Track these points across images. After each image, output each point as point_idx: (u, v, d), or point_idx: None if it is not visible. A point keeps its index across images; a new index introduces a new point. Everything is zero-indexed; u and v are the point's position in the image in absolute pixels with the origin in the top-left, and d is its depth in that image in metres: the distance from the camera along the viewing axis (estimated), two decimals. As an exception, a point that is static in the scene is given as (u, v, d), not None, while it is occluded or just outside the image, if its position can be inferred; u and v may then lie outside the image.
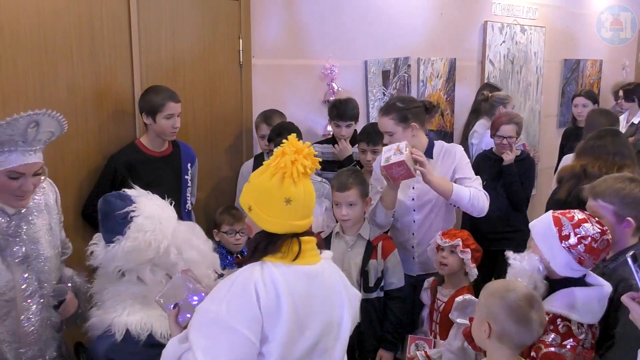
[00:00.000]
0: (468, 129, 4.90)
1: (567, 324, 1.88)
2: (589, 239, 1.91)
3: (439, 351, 2.41)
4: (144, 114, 2.86)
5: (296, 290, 1.58)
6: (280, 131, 3.23)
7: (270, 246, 1.62)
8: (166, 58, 3.15)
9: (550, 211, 2.05)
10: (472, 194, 2.72)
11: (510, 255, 2.05)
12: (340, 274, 1.80)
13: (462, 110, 5.16)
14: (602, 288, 1.97)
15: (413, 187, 2.85)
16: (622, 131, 5.44)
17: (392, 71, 4.50)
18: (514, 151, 3.77)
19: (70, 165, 2.82)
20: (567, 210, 2.03)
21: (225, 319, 1.50)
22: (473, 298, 2.34)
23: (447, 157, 2.85)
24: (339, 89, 4.02)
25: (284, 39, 3.74)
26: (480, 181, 2.84)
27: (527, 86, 6.10)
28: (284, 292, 1.55)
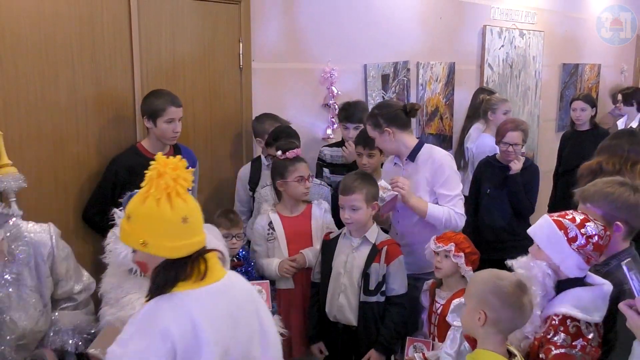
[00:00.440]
0: (464, 133, 4.92)
1: (577, 324, 1.90)
2: (596, 237, 1.95)
3: (436, 353, 2.42)
4: (145, 117, 2.86)
5: (214, 314, 1.52)
6: (278, 135, 3.24)
7: (180, 273, 1.52)
8: (166, 61, 3.16)
9: (546, 215, 2.06)
10: (446, 216, 2.83)
11: (515, 264, 2.05)
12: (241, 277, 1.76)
13: (461, 114, 5.17)
14: (603, 287, 1.99)
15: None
16: (621, 135, 5.49)
17: (392, 75, 4.52)
18: (521, 160, 3.62)
19: (70, 168, 2.83)
20: (562, 213, 2.04)
21: None
22: None
23: (429, 165, 2.89)
24: (339, 92, 4.03)
25: (283, 43, 3.76)
26: (461, 198, 2.90)
27: (526, 90, 6.12)
28: (201, 322, 1.48)
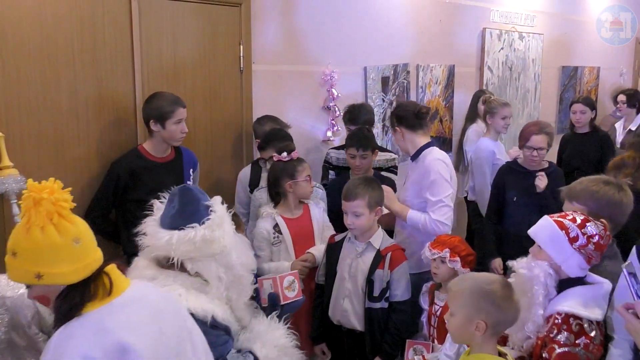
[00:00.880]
0: (463, 135, 4.93)
1: (579, 322, 1.92)
2: (597, 236, 1.97)
3: (436, 355, 2.42)
4: (152, 120, 2.85)
5: (135, 320, 1.49)
6: (270, 139, 3.23)
7: (86, 296, 1.46)
8: (167, 64, 3.17)
9: (546, 216, 2.08)
10: (422, 223, 2.93)
11: (516, 264, 2.07)
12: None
13: (461, 117, 5.18)
14: (603, 285, 2.02)
15: None
16: (619, 138, 5.49)
17: (392, 77, 4.53)
18: (544, 179, 3.38)
19: (71, 170, 2.83)
20: (562, 214, 2.07)
21: None
22: None
23: (421, 167, 3.00)
24: (339, 95, 4.05)
25: (284, 45, 3.77)
26: (445, 205, 2.91)
27: (525, 93, 6.13)
28: (123, 335, 1.44)
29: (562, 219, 2.02)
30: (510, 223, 3.49)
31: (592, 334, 1.91)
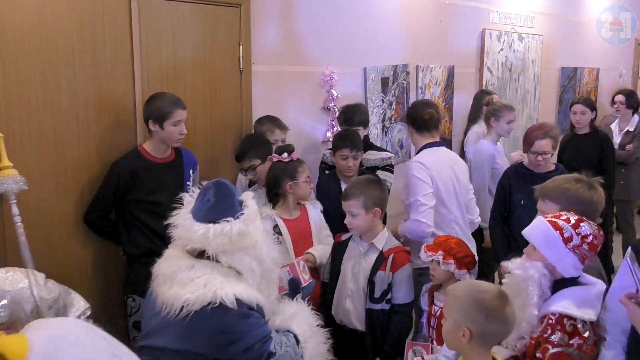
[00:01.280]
0: (465, 136, 4.92)
1: (573, 322, 1.92)
2: (591, 236, 1.98)
3: (435, 357, 2.42)
4: (150, 121, 2.85)
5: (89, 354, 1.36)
6: (246, 149, 3.19)
7: None
8: (167, 64, 3.17)
9: (540, 217, 2.09)
10: (408, 229, 3.07)
11: (510, 265, 2.07)
12: None
13: (461, 118, 5.18)
14: (597, 286, 2.02)
15: None
16: (617, 139, 5.48)
17: (391, 78, 4.53)
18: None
19: (71, 171, 2.83)
20: (556, 214, 2.08)
21: None
22: None
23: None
24: (339, 95, 4.05)
25: (283, 46, 3.77)
26: (421, 204, 3.03)
27: (525, 94, 6.14)
28: None
29: (556, 219, 2.03)
30: (518, 226, 3.43)
31: (586, 334, 1.91)
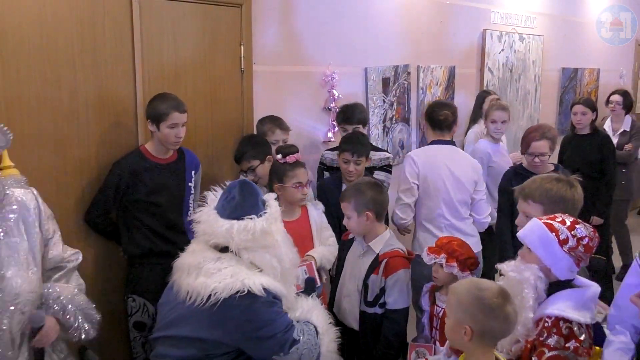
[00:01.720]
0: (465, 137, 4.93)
1: (569, 325, 1.91)
2: (586, 238, 1.97)
3: (438, 358, 2.41)
4: (149, 120, 2.85)
5: None
6: (244, 151, 3.22)
7: None
8: (168, 65, 3.16)
9: (535, 219, 2.07)
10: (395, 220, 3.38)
11: (505, 267, 2.06)
12: None
13: (461, 118, 5.16)
14: (592, 288, 2.02)
15: None
16: (615, 140, 5.45)
17: (392, 78, 4.52)
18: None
19: (71, 171, 2.82)
20: (551, 216, 2.06)
21: None
22: None
23: None
24: (340, 95, 4.04)
25: (285, 46, 3.76)
26: (397, 198, 3.36)
27: (526, 94, 6.13)
28: None
29: (551, 221, 2.01)
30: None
31: (582, 337, 1.90)
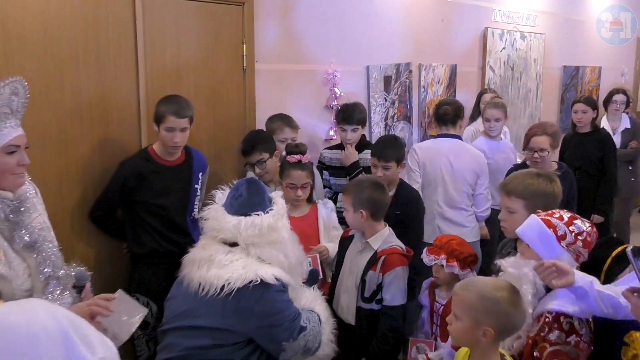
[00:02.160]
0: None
1: (570, 320, 1.91)
2: (584, 234, 1.97)
3: (439, 354, 2.41)
4: (153, 120, 2.85)
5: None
6: (255, 143, 3.23)
7: None
8: (171, 63, 3.17)
9: (533, 215, 2.08)
10: None
11: (504, 263, 2.07)
12: None
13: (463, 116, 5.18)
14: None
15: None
16: (618, 139, 5.45)
17: (394, 77, 4.53)
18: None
19: (75, 170, 2.83)
20: (549, 212, 2.07)
21: None
22: None
23: None
24: (341, 94, 4.05)
25: (287, 44, 3.77)
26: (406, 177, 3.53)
27: (527, 92, 6.13)
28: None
29: (549, 217, 2.02)
30: None
31: (583, 331, 1.91)
